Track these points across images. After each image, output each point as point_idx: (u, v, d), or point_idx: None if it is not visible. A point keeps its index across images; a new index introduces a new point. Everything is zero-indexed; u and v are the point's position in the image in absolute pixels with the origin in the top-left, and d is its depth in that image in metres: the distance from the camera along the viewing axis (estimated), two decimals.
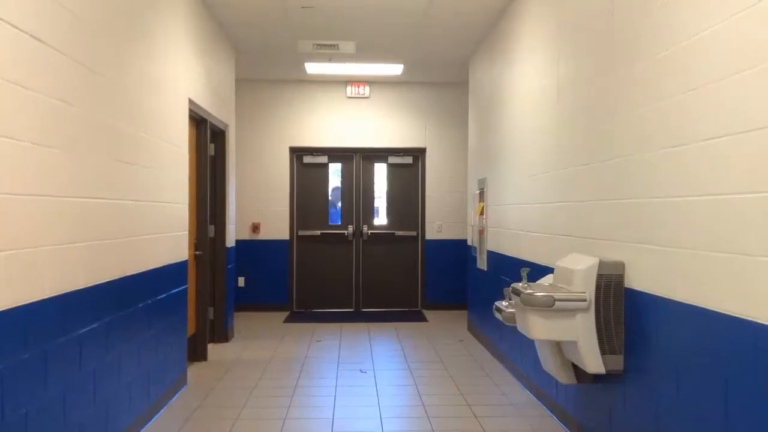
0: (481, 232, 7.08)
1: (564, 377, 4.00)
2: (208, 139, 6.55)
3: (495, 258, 6.48)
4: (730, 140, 2.57)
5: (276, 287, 9.54)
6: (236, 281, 8.78)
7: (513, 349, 5.74)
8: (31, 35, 2.87)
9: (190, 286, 6.02)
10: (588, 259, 3.66)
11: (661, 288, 3.12)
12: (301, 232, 9.67)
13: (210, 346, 6.66)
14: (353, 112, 9.65)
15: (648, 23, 3.28)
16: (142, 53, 4.40)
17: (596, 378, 3.82)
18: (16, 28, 2.76)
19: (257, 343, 7.28)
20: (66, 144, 3.22)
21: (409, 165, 9.83)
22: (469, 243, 7.96)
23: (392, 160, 9.80)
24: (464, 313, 8.56)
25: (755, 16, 2.44)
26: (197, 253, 6.33)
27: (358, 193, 9.76)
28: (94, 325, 3.56)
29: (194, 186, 6.19)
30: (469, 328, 7.98)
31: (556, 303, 3.56)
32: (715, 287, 2.67)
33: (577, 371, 3.93)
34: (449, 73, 9.02)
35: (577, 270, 3.64)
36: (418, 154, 9.80)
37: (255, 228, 9.51)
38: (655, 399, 3.18)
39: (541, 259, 4.86)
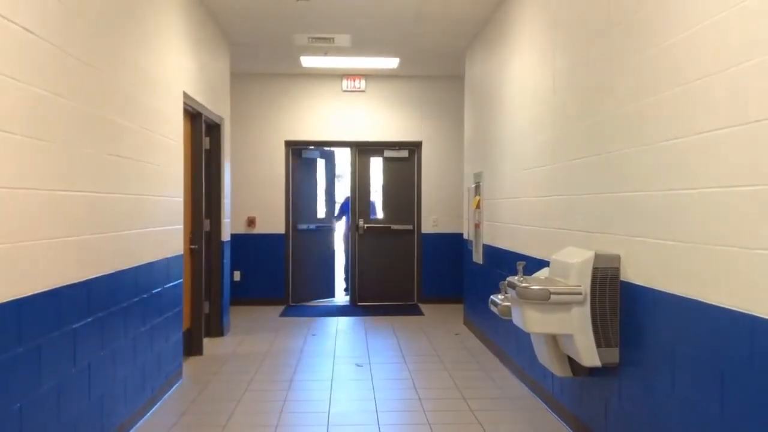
0: (477, 226, 7.07)
1: (560, 370, 4.01)
2: (203, 133, 6.52)
3: (491, 251, 6.48)
4: (726, 133, 2.57)
5: (272, 281, 9.52)
6: (232, 275, 8.76)
7: (509, 343, 5.74)
8: (23, 28, 2.85)
9: (186, 280, 6.00)
10: (584, 253, 3.66)
11: (656, 281, 3.12)
12: (296, 226, 9.66)
13: (205, 341, 6.65)
14: (349, 106, 9.62)
15: (644, 16, 3.27)
16: (137, 46, 4.38)
17: (592, 371, 3.82)
18: (9, 20, 2.74)
19: (253, 337, 7.27)
20: (59, 137, 3.20)
21: (405, 159, 9.82)
22: (465, 237, 7.96)
23: (388, 153, 9.78)
24: (460, 306, 8.57)
25: (753, 8, 2.43)
26: (192, 247, 6.32)
27: (354, 187, 9.75)
28: (88, 320, 3.55)
29: (189, 180, 6.17)
30: (465, 322, 7.98)
31: (552, 296, 3.57)
32: (710, 280, 2.67)
33: (573, 364, 3.94)
34: (445, 67, 9.01)
35: (572, 263, 3.64)
36: (414, 147, 9.78)
37: (251, 222, 9.49)
38: (651, 391, 3.18)
39: (537, 253, 4.86)
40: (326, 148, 9.92)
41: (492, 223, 6.48)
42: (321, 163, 10.01)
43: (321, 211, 9.94)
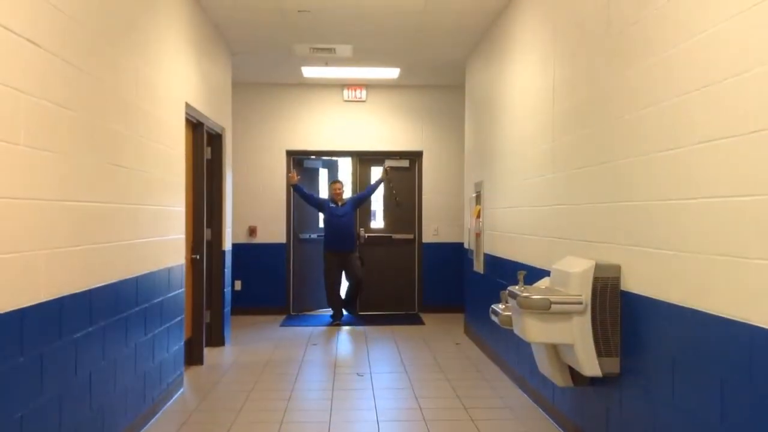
0: (478, 235, 7.08)
1: (560, 380, 4.01)
2: (205, 143, 6.54)
3: (492, 261, 6.48)
4: (726, 143, 2.58)
5: (273, 291, 9.52)
6: (233, 285, 8.77)
7: (509, 352, 5.74)
8: (26, 39, 2.87)
9: (187, 289, 6.01)
10: (584, 262, 3.67)
11: (657, 290, 3.13)
12: (298, 236, 9.66)
13: (206, 350, 6.65)
14: (350, 116, 9.65)
15: (644, 26, 3.29)
16: (139, 56, 4.40)
17: (593, 380, 3.82)
18: (12, 31, 2.76)
19: (254, 346, 7.27)
20: (62, 147, 3.21)
21: (405, 168, 9.83)
22: (466, 246, 7.97)
23: (389, 163, 9.79)
24: (461, 316, 8.56)
25: (752, 19, 2.45)
26: (194, 256, 6.33)
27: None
28: (90, 329, 3.56)
29: (191, 189, 6.18)
30: (466, 331, 7.97)
31: (553, 306, 3.57)
32: (710, 290, 2.67)
33: (574, 374, 3.94)
34: (446, 76, 9.03)
35: (573, 273, 3.64)
36: (415, 157, 9.80)
37: (252, 231, 9.50)
38: (652, 401, 3.18)
39: (538, 262, 4.87)
40: (329, 158, 9.92)
41: (493, 233, 6.49)
42: (323, 173, 10.02)
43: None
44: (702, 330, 2.73)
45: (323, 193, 9.88)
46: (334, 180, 9.38)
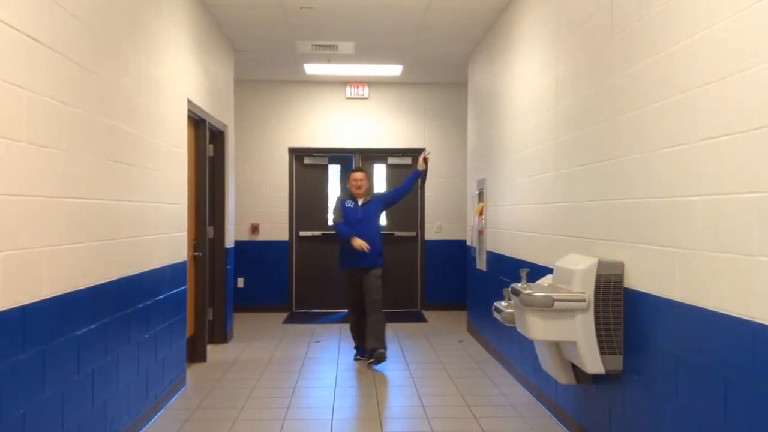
0: (481, 233, 7.07)
1: (563, 377, 4.00)
2: (207, 140, 6.54)
3: (494, 258, 6.48)
4: (730, 140, 2.57)
5: (275, 288, 9.53)
6: (235, 282, 8.77)
7: (512, 350, 5.73)
8: (28, 35, 2.87)
9: (189, 287, 6.01)
10: (587, 260, 3.66)
11: (660, 288, 3.12)
12: (300, 233, 9.66)
13: (209, 347, 6.65)
14: (352, 113, 9.64)
15: (647, 23, 3.28)
16: (141, 53, 4.40)
17: (595, 378, 3.81)
18: (13, 28, 2.75)
19: (256, 343, 7.27)
20: (63, 144, 3.21)
21: (408, 165, 9.81)
22: (469, 243, 7.96)
23: (392, 160, 9.79)
24: (464, 313, 8.56)
25: (755, 15, 2.43)
26: (196, 254, 6.33)
27: None
28: (92, 326, 3.56)
29: (193, 187, 6.18)
30: (469, 329, 7.97)
31: (556, 303, 3.56)
32: (714, 287, 2.66)
33: (577, 371, 3.93)
34: (449, 74, 9.02)
35: (576, 270, 3.63)
36: (417, 154, 9.74)
37: (254, 229, 9.50)
38: (655, 399, 3.18)
39: (541, 260, 4.86)
40: (340, 154, 9.80)
41: (495, 230, 6.48)
42: (334, 170, 9.90)
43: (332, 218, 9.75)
44: (705, 328, 2.72)
45: (332, 192, 9.71)
46: (353, 168, 7.07)
